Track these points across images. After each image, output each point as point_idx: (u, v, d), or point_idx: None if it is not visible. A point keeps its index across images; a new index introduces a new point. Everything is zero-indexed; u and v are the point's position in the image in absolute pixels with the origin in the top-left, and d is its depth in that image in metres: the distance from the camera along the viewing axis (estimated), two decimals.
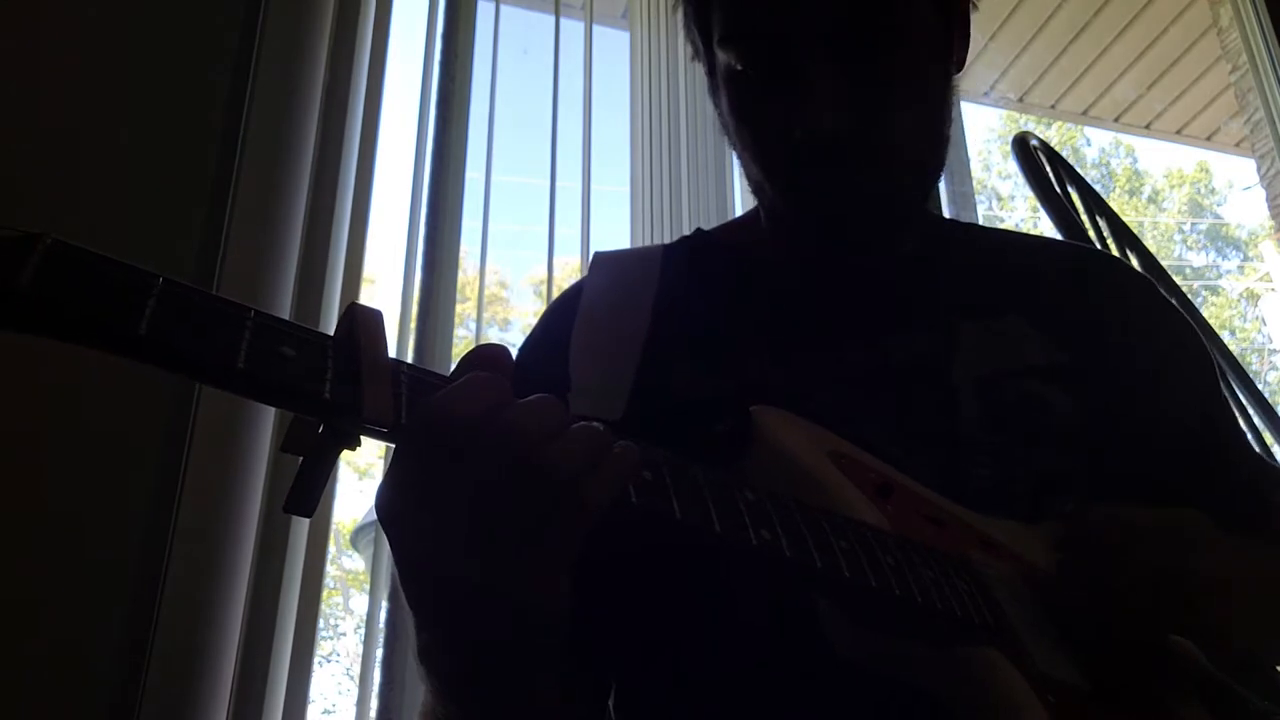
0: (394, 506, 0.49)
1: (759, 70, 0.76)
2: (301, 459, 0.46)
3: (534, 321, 0.92)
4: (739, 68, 0.76)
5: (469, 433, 0.47)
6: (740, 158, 0.82)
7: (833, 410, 0.73)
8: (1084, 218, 1.75)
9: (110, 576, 1.24)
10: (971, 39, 0.84)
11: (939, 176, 0.85)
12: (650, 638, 0.73)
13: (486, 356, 0.51)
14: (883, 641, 0.61)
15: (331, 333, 0.49)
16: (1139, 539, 0.66)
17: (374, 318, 0.49)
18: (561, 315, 0.85)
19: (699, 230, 0.94)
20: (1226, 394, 0.86)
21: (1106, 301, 0.85)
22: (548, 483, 0.47)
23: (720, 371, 0.77)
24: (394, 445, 0.49)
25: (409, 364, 0.50)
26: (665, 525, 0.52)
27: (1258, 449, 1.69)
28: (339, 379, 0.46)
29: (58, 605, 1.20)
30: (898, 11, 0.74)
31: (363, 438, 0.47)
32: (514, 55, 2.02)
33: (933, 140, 0.79)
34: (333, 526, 1.52)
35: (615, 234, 2.02)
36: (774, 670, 0.67)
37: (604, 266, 0.89)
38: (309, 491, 0.47)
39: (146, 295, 0.42)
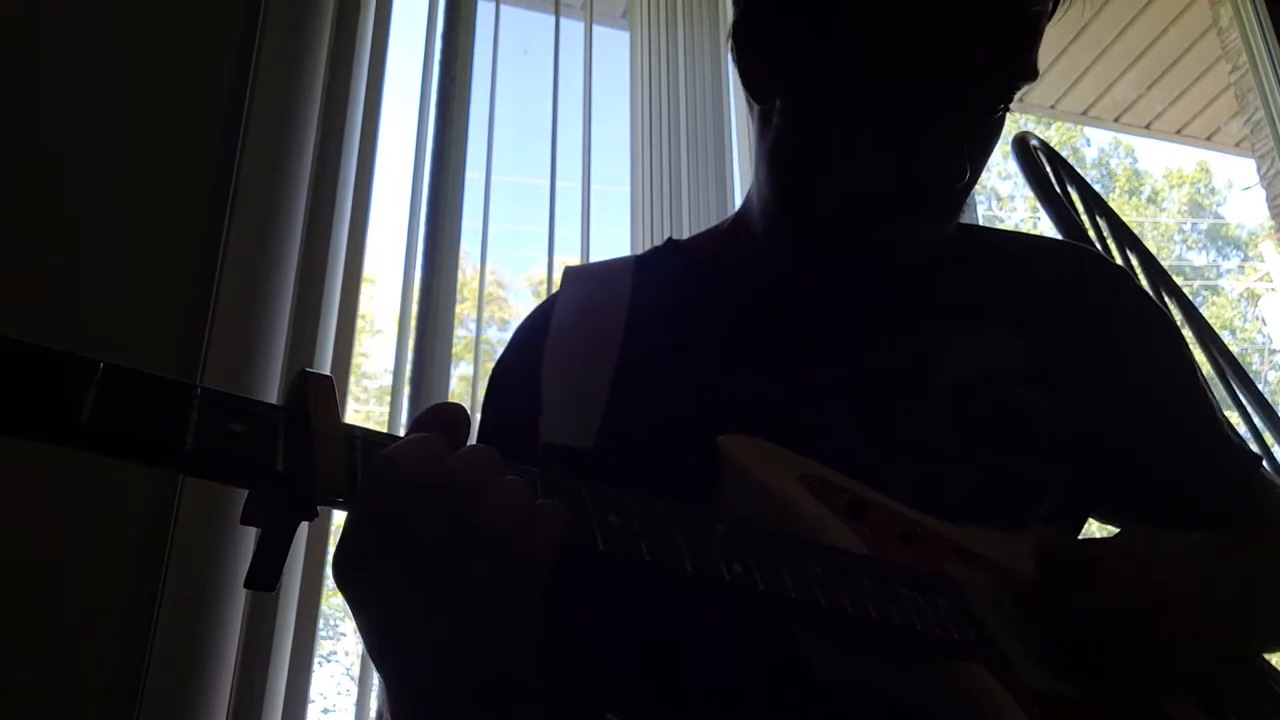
0: (352, 569, 0.49)
1: (902, 86, 0.70)
2: (260, 532, 0.46)
3: None
4: (877, 77, 0.71)
5: (409, 487, 0.47)
6: (794, 158, 0.78)
7: (812, 424, 0.73)
8: (1084, 218, 1.74)
9: (110, 576, 1.24)
10: None
11: None
12: (634, 662, 0.72)
13: (438, 416, 0.51)
14: (865, 665, 0.61)
15: (290, 384, 0.48)
16: (1139, 560, 0.67)
17: (324, 385, 0.48)
18: (532, 335, 0.84)
19: (670, 240, 0.93)
20: (1207, 387, 0.86)
21: (1084, 299, 0.85)
22: (488, 537, 0.47)
23: (696, 388, 0.76)
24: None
25: (362, 429, 0.49)
26: (635, 569, 0.52)
27: (1255, 447, 1.69)
28: (291, 450, 0.45)
29: (57, 605, 1.20)
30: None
31: (320, 508, 0.46)
32: (514, 55, 2.02)
33: None
34: (333, 528, 1.52)
35: (615, 234, 2.02)
36: (761, 694, 0.67)
37: (574, 283, 0.88)
38: (269, 565, 0.46)
39: (87, 384, 0.41)
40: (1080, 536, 0.80)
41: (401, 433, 0.51)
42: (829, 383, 0.76)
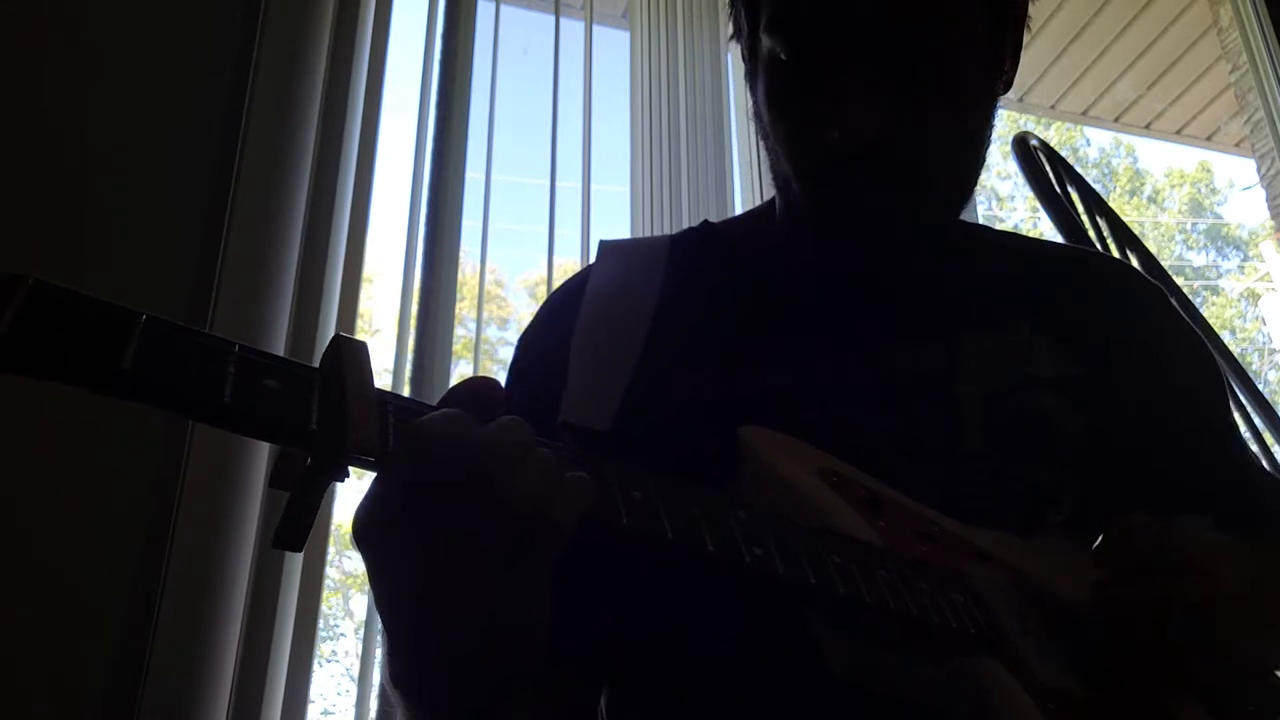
0: (374, 529, 0.50)
1: (803, 62, 0.74)
2: (289, 494, 0.47)
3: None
4: (782, 57, 0.74)
5: (440, 460, 0.48)
6: (768, 149, 0.81)
7: (834, 421, 0.73)
8: (1084, 218, 1.75)
9: (110, 575, 1.24)
10: None
11: (971, 196, 0.83)
12: (643, 649, 0.72)
13: (474, 388, 0.52)
14: (880, 657, 0.61)
15: (325, 348, 0.49)
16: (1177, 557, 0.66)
17: (359, 349, 0.49)
18: (564, 308, 0.84)
19: (706, 222, 0.93)
20: (1233, 406, 0.85)
21: (1115, 310, 0.85)
22: (514, 509, 0.48)
23: (722, 377, 0.76)
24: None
25: (396, 394, 0.50)
26: (657, 546, 0.52)
27: (1258, 453, 1.69)
28: (325, 410, 0.46)
29: (57, 604, 1.20)
30: (952, 25, 0.73)
31: (350, 469, 0.47)
32: (514, 55, 2.02)
33: (970, 159, 0.78)
34: (332, 528, 1.52)
35: (615, 234, 2.02)
36: (770, 687, 0.67)
37: (610, 257, 0.88)
38: (297, 526, 0.47)
39: (130, 333, 0.43)
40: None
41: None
42: (852, 380, 0.76)
